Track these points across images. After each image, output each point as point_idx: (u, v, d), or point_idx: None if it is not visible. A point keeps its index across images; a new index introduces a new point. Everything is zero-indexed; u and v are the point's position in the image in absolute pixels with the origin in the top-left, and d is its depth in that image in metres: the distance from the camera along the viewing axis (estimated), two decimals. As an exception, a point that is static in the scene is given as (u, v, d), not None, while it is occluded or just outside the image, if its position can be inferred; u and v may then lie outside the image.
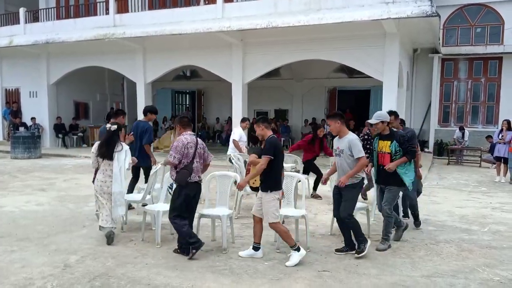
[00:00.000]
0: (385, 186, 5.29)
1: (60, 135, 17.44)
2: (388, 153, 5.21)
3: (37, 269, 4.47)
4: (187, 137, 5.06)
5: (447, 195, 8.97)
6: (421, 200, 6.85)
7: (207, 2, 14.31)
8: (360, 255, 4.88)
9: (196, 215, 5.22)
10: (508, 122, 10.80)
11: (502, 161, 10.80)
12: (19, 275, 4.33)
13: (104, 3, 15.45)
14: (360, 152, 4.89)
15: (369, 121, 5.66)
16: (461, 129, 14.94)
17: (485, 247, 5.43)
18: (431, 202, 8.07)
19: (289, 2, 12.03)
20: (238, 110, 13.92)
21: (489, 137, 13.11)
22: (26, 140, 14.48)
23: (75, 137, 17.97)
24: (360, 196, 5.92)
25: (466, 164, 14.36)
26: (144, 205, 6.19)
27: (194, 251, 4.79)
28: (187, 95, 23.33)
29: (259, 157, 4.96)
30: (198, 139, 5.17)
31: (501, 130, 10.90)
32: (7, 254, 4.93)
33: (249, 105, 14.76)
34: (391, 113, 6.02)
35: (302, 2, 11.84)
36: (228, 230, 5.27)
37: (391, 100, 11.83)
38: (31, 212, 6.95)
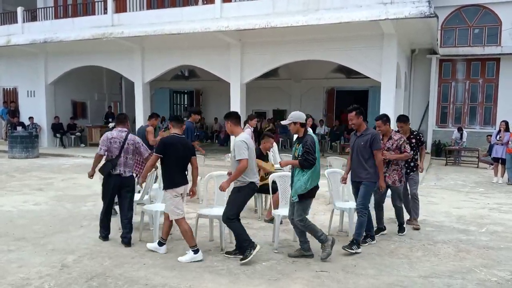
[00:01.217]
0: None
1: (58, 135, 17.39)
2: (296, 158, 4.84)
3: (34, 269, 4.46)
4: (113, 132, 5.43)
5: (445, 195, 8.99)
6: (420, 201, 6.84)
7: (205, 2, 14.31)
8: (243, 261, 4.65)
9: (194, 215, 5.22)
10: (506, 123, 10.82)
11: (500, 162, 10.83)
12: (16, 275, 4.32)
13: (102, 3, 15.43)
14: (239, 155, 4.68)
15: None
16: (460, 129, 14.97)
17: (482, 247, 5.44)
18: (428, 203, 8.08)
19: (287, 2, 12.03)
20: (236, 110, 13.88)
21: (489, 136, 13.14)
22: (23, 139, 14.44)
23: (73, 136, 17.92)
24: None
25: (463, 165, 14.39)
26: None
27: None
28: (185, 95, 23.31)
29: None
30: (130, 135, 5.43)
31: (499, 131, 10.93)
32: (4, 254, 4.92)
33: (248, 105, 14.75)
34: (380, 117, 5.83)
35: (301, 2, 11.83)
36: (226, 230, 5.26)
37: (389, 100, 11.85)
38: (29, 212, 6.93)
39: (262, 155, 6.63)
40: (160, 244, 5.04)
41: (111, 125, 6.69)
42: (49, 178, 10.38)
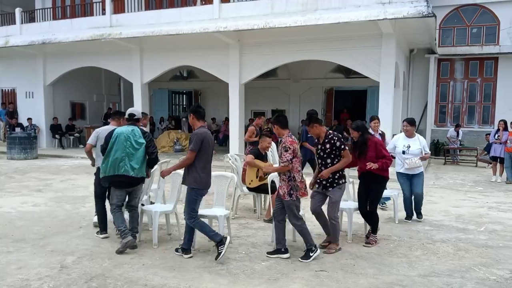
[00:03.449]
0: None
1: (57, 136, 17.39)
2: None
3: (33, 270, 4.46)
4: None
5: (444, 194, 9.00)
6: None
7: (203, 2, 14.32)
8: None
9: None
10: (505, 122, 10.85)
11: (498, 161, 10.85)
12: (16, 276, 4.31)
13: (101, 3, 15.43)
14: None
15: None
16: (458, 126, 14.99)
17: (481, 246, 5.45)
18: (427, 202, 8.08)
19: (286, 3, 12.04)
20: (235, 110, 13.94)
21: (488, 135, 13.16)
22: (22, 140, 14.43)
23: (71, 137, 17.93)
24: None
25: (462, 164, 14.42)
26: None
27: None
28: (184, 96, 23.32)
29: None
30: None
31: (498, 130, 10.95)
32: (3, 255, 4.91)
33: (246, 105, 14.77)
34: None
35: (299, 2, 11.85)
36: (225, 230, 5.27)
37: (387, 100, 11.88)
38: (28, 213, 6.93)
39: (260, 155, 6.64)
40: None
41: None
42: (48, 179, 10.37)
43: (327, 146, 5.03)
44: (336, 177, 5.04)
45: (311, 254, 4.78)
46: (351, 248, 5.29)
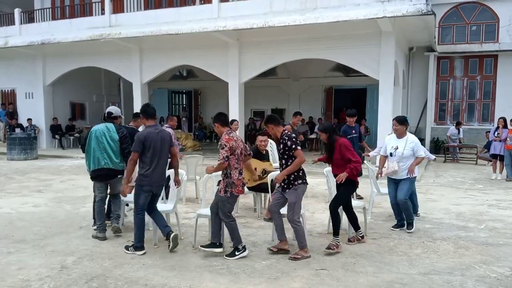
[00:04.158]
0: None
1: (57, 136, 17.39)
2: None
3: (34, 271, 4.46)
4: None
5: (444, 192, 9.00)
6: (418, 198, 6.87)
7: (202, 1, 14.29)
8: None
9: (194, 215, 5.22)
10: (504, 119, 10.85)
11: (498, 158, 10.85)
12: (16, 277, 4.31)
13: (100, 3, 15.42)
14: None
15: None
16: (458, 124, 14.99)
17: (481, 244, 5.45)
18: (427, 200, 8.10)
19: (285, 2, 12.03)
20: (235, 109, 13.94)
21: (488, 132, 13.17)
22: (22, 141, 14.44)
23: (71, 138, 17.93)
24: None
25: (462, 161, 14.42)
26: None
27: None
28: (184, 95, 23.30)
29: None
30: None
31: (497, 128, 10.95)
32: (4, 256, 4.91)
33: (246, 104, 14.77)
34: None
35: (298, 1, 11.84)
36: (225, 230, 5.26)
37: (387, 98, 11.88)
38: (28, 214, 6.93)
39: (259, 154, 6.63)
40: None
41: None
42: (48, 179, 10.38)
43: (281, 146, 4.88)
44: (291, 178, 4.83)
45: (236, 253, 4.78)
46: (351, 246, 5.29)
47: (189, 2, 14.94)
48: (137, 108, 15.31)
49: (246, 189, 6.66)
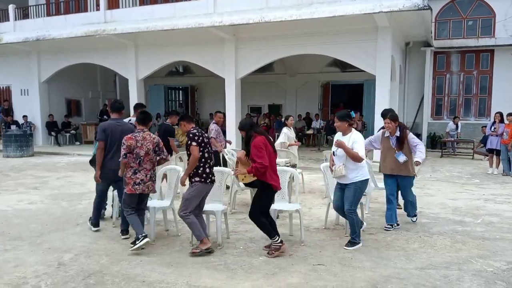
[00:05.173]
0: None
1: (53, 133, 17.32)
2: None
3: (30, 268, 4.44)
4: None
5: (441, 187, 9.03)
6: (415, 193, 6.85)
7: (198, -3, 14.22)
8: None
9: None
10: (501, 114, 10.87)
11: (495, 153, 10.88)
12: (13, 274, 4.30)
13: (95, -1, 15.33)
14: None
15: None
16: (456, 118, 15.00)
17: (478, 238, 5.47)
18: (424, 195, 8.12)
19: (281, -3, 12.00)
20: (231, 105, 13.91)
21: (484, 127, 13.20)
22: (18, 138, 14.37)
23: (67, 134, 17.86)
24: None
25: (459, 156, 14.46)
26: None
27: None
28: (180, 91, 23.24)
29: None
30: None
31: (494, 122, 10.98)
32: (0, 254, 4.89)
33: (243, 100, 14.73)
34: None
35: (294, -4, 11.81)
36: (222, 226, 5.27)
37: (384, 93, 11.87)
38: (24, 211, 6.90)
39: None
40: None
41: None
42: (44, 176, 10.34)
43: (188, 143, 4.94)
44: (191, 175, 4.91)
45: (137, 242, 4.85)
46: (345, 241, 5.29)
47: (184, -3, 14.85)
48: (132, 104, 15.28)
49: (242, 185, 6.66)
